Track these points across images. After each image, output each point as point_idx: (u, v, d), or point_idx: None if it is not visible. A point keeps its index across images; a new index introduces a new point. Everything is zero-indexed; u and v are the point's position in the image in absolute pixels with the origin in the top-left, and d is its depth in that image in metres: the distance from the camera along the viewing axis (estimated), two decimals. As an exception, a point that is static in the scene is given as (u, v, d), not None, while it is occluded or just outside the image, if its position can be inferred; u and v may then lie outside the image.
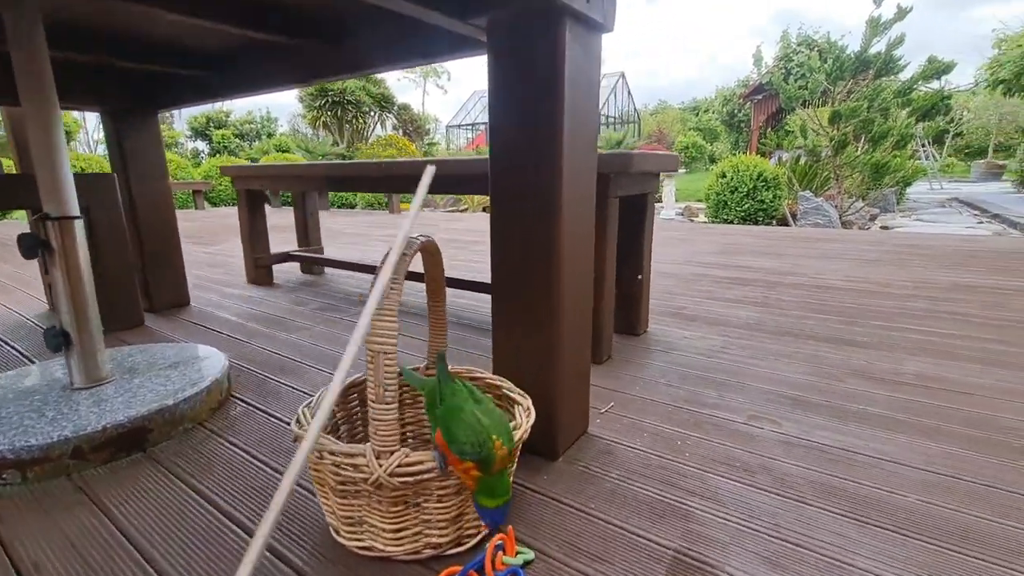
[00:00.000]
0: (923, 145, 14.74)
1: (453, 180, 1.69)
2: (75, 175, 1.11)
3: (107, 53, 1.43)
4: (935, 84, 8.93)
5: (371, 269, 2.24)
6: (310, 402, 0.80)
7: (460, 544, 0.73)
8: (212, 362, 1.26)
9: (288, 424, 1.10)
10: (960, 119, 21.10)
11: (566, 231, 0.86)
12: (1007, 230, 6.60)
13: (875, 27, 7.27)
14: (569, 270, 0.89)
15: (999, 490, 0.86)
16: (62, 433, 0.92)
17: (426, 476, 0.66)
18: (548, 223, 0.86)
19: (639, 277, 1.63)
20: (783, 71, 12.19)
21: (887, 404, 1.18)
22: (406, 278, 0.69)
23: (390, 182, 1.91)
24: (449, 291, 2.32)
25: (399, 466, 0.65)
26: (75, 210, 1.07)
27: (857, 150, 7.40)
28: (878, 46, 7.45)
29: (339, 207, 10.08)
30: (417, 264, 1.94)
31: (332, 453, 0.67)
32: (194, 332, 1.75)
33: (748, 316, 1.91)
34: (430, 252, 0.84)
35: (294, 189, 2.25)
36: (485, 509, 0.67)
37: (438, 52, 1.05)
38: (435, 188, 1.80)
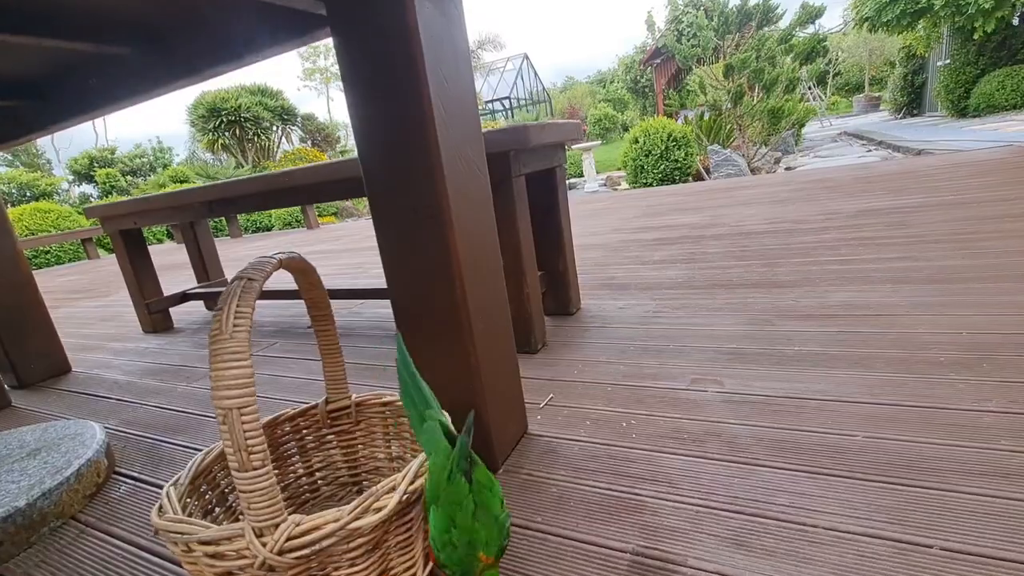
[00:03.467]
0: (809, 88, 15.82)
1: (356, 181, 1.53)
2: None
3: None
4: (810, 29, 9.55)
5: (283, 295, 2.04)
6: (178, 477, 0.65)
7: (391, 604, 0.62)
8: (84, 439, 1.06)
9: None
10: (837, 59, 22.87)
11: (459, 228, 0.75)
12: (892, 154, 7.18)
13: (750, -20, 7.62)
14: (471, 268, 0.79)
15: (934, 408, 0.85)
16: None
17: (327, 543, 0.54)
18: (435, 225, 0.74)
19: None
20: (675, 33, 12.59)
21: (819, 340, 1.17)
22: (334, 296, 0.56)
23: (281, 196, 1.72)
24: (371, 303, 2.17)
25: (289, 539, 0.52)
26: None
27: (753, 99, 7.78)
28: (756, -2, 7.84)
29: (254, 231, 9.47)
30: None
31: (203, 543, 0.53)
32: (75, 404, 1.51)
33: (677, 275, 1.90)
34: (300, 271, 0.70)
35: (173, 221, 2.00)
36: None
37: (282, 39, 0.89)
38: (339, 194, 1.64)
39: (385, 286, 1.76)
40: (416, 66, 0.69)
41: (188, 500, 0.65)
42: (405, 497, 0.57)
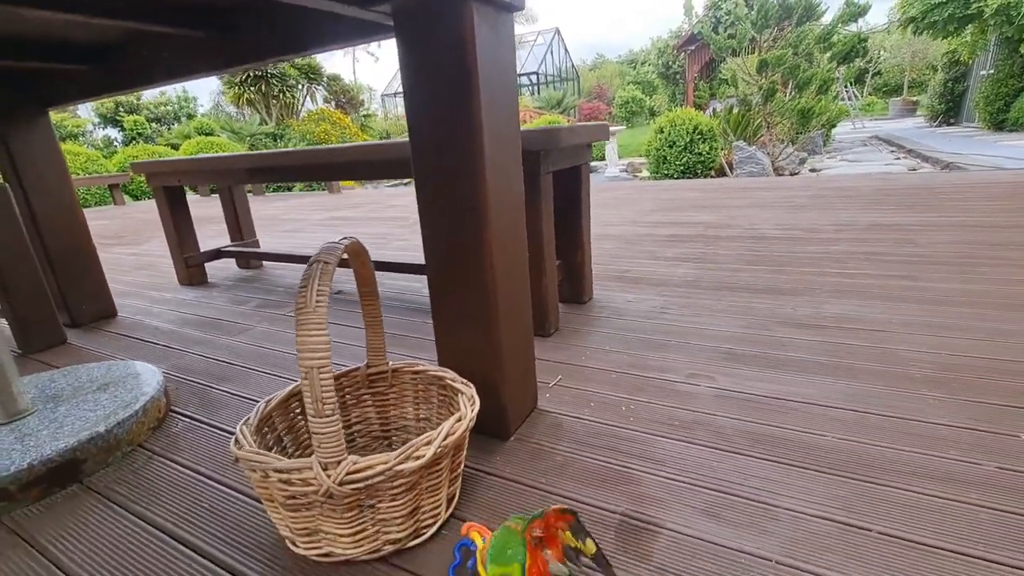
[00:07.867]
0: (845, 87, 15.41)
1: (392, 164, 1.64)
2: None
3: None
4: (853, 27, 9.30)
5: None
6: (248, 418, 0.78)
7: (418, 535, 0.75)
8: (145, 379, 1.21)
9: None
10: (877, 59, 22.16)
11: (494, 223, 0.86)
12: (920, 164, 7.09)
13: (795, -27, 7.42)
14: (501, 258, 0.90)
15: (901, 419, 0.96)
16: (-17, 477, 0.87)
17: (376, 480, 0.67)
18: (475, 217, 0.85)
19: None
20: (713, 20, 12.31)
21: (810, 349, 1.27)
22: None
23: (320, 171, 1.83)
24: (394, 275, 2.29)
25: (348, 474, 0.65)
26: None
27: (785, 96, 7.66)
28: (799, -8, 7.64)
29: (274, 191, 9.59)
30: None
31: (278, 471, 0.66)
32: (125, 345, 1.66)
33: (687, 274, 1.99)
34: (356, 253, 0.82)
35: (214, 183, 2.12)
36: None
37: (347, 37, 0.99)
38: (373, 174, 1.74)
39: (408, 260, 1.88)
40: (470, 78, 0.79)
41: (254, 438, 0.79)
42: (439, 450, 0.69)
